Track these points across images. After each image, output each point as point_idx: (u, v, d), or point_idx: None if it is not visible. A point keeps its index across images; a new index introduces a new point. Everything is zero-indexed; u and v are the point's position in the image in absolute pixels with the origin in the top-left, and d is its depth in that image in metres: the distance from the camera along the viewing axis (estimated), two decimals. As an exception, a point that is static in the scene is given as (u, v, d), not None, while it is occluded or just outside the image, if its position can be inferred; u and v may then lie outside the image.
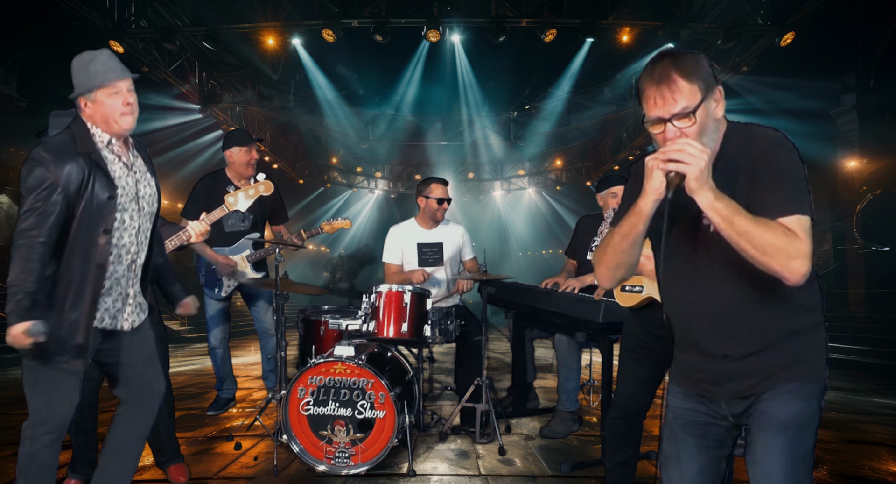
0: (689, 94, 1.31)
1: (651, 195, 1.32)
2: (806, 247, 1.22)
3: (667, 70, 1.32)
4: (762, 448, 1.35)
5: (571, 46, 11.10)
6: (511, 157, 19.71)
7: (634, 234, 1.39)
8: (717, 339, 1.43)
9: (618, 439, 2.36)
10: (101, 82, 1.98)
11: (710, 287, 1.42)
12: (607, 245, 1.48)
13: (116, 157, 2.05)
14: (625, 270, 1.48)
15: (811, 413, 1.37)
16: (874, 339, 7.82)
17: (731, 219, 1.22)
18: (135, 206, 2.07)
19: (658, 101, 1.33)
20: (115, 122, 2.01)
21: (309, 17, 9.87)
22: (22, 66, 9.44)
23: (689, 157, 1.24)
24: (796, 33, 8.77)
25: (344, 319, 3.39)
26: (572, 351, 3.83)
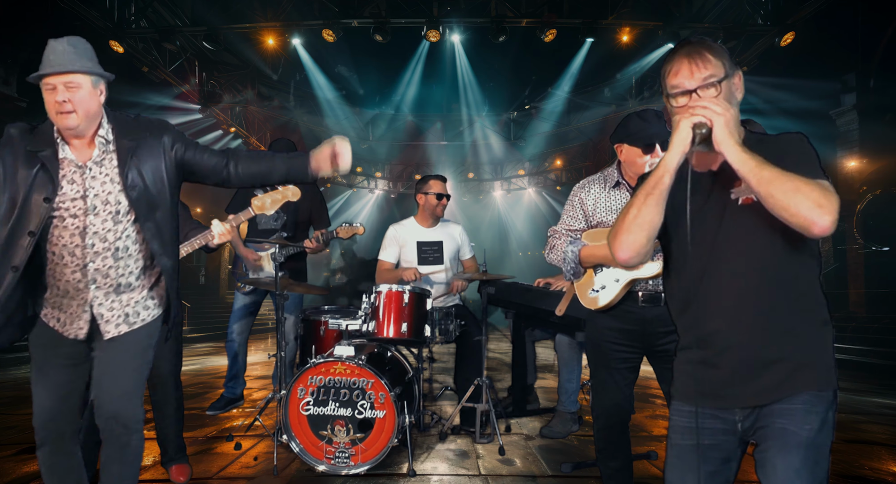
0: (715, 67, 1.39)
1: (677, 147, 1.34)
2: (836, 200, 1.22)
3: (697, 47, 1.41)
4: (784, 472, 1.32)
5: (571, 46, 11.11)
6: (511, 157, 19.71)
7: (661, 188, 1.37)
8: (735, 325, 1.38)
9: (609, 447, 2.31)
10: (38, 74, 1.80)
11: (729, 270, 1.39)
12: (627, 211, 1.42)
13: (64, 158, 1.86)
14: (647, 234, 1.39)
15: (829, 427, 1.35)
16: (874, 339, 7.83)
17: (759, 167, 1.24)
18: (80, 205, 1.85)
19: (686, 69, 1.40)
20: (53, 119, 1.83)
21: (309, 17, 9.88)
22: (22, 66, 9.43)
23: (715, 111, 1.30)
24: (796, 33, 8.77)
25: (344, 319, 3.39)
26: (573, 351, 3.83)
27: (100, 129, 1.91)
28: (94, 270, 1.87)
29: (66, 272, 1.86)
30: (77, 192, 1.85)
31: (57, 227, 1.84)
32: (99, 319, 1.90)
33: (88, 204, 1.85)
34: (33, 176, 1.80)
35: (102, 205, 1.87)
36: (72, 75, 1.81)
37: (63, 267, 1.86)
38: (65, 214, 1.84)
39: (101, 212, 1.87)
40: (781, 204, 1.22)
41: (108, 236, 1.88)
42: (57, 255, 1.85)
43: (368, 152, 19.43)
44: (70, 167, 1.86)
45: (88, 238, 1.86)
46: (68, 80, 1.81)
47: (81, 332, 1.90)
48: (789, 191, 1.21)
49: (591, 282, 2.34)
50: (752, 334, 1.37)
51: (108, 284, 1.90)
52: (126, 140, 1.92)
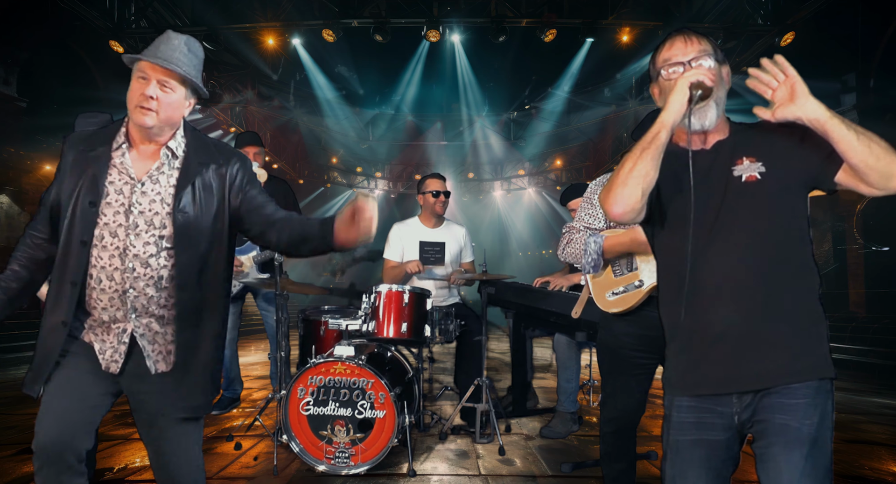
0: (708, 46, 1.47)
1: (674, 105, 1.38)
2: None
3: (689, 30, 1.49)
4: (787, 469, 1.31)
5: (571, 46, 11.11)
6: (511, 157, 19.72)
7: (657, 143, 1.37)
8: (733, 303, 1.37)
9: (615, 451, 2.29)
10: (137, 57, 1.62)
11: (731, 249, 1.38)
12: (622, 165, 1.41)
13: (119, 164, 1.67)
14: (642, 188, 1.37)
15: (829, 419, 1.34)
16: (874, 339, 7.82)
17: (853, 126, 1.31)
18: (122, 221, 1.63)
19: (680, 44, 1.47)
20: (130, 109, 1.64)
21: (309, 17, 9.88)
22: (22, 66, 9.43)
23: (711, 73, 1.40)
24: (796, 33, 8.77)
25: (344, 319, 3.39)
26: (572, 351, 3.83)
27: (171, 141, 1.70)
28: (134, 298, 1.64)
29: (104, 298, 1.64)
30: (121, 205, 1.64)
31: (96, 246, 1.63)
32: (142, 351, 1.66)
33: (130, 221, 1.64)
34: (82, 178, 1.63)
35: (146, 225, 1.64)
36: (171, 75, 1.63)
37: (101, 292, 1.64)
38: (104, 231, 1.63)
39: (142, 233, 1.64)
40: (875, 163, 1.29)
41: (150, 262, 1.64)
42: (95, 277, 1.63)
43: (368, 152, 19.44)
44: (122, 177, 1.66)
45: (128, 261, 1.63)
46: (166, 78, 1.63)
47: (115, 365, 1.66)
48: (882, 153, 1.28)
49: (610, 284, 2.29)
50: (753, 313, 1.36)
51: (149, 314, 1.66)
52: (197, 160, 1.71)
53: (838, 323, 8.37)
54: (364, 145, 18.77)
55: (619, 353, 2.25)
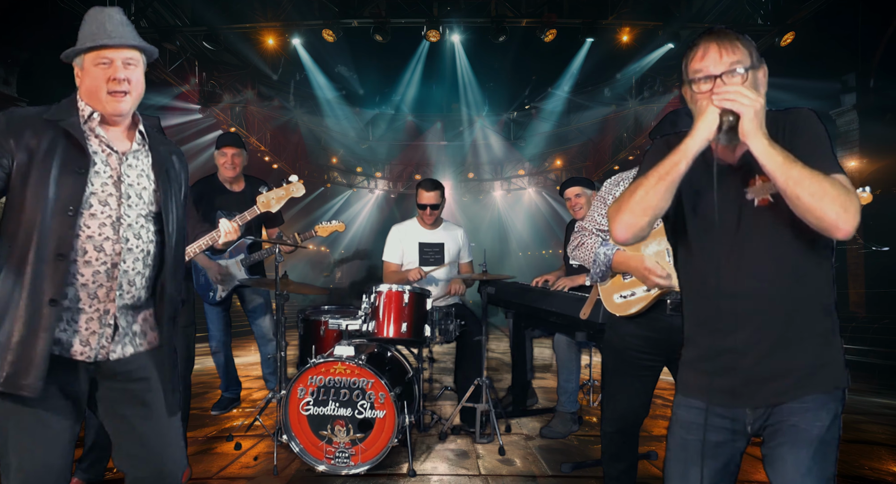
0: (744, 54, 1.33)
1: (702, 133, 1.29)
2: (857, 201, 1.22)
3: (726, 33, 1.35)
4: (794, 466, 1.33)
5: (571, 46, 11.10)
6: (511, 157, 19.72)
7: (675, 173, 1.31)
8: (753, 330, 1.36)
9: (617, 450, 2.29)
10: (88, 44, 1.52)
11: (746, 266, 1.37)
12: (634, 190, 1.37)
13: (97, 136, 1.57)
14: (650, 218, 1.36)
15: (837, 423, 1.36)
16: (874, 339, 7.82)
17: (787, 165, 1.21)
18: (112, 191, 1.54)
19: (714, 53, 1.33)
20: (99, 101, 1.54)
21: (309, 17, 9.88)
22: (22, 66, 9.43)
23: (745, 99, 1.23)
24: (796, 33, 8.76)
25: (344, 319, 3.39)
26: (572, 351, 3.83)
27: (139, 124, 1.65)
28: (122, 271, 1.53)
29: (87, 273, 1.49)
30: (110, 176, 1.55)
31: (82, 215, 1.49)
32: (118, 335, 1.55)
33: (122, 191, 1.55)
34: (59, 147, 1.50)
35: (137, 198, 1.58)
36: (132, 51, 1.55)
37: (84, 265, 1.49)
38: (92, 199, 1.50)
39: (134, 205, 1.57)
40: (807, 206, 1.21)
41: (141, 234, 1.58)
42: (78, 249, 1.48)
43: (368, 152, 19.44)
44: (105, 148, 1.57)
45: (123, 230, 1.53)
46: (129, 56, 1.54)
47: (93, 352, 1.51)
48: (816, 193, 1.19)
49: (619, 287, 2.29)
50: (771, 339, 1.37)
51: (131, 294, 1.57)
52: (161, 147, 1.70)
53: (838, 323, 8.36)
54: (364, 145, 18.75)
55: (624, 354, 2.26)
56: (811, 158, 1.26)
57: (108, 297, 1.53)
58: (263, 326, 4.27)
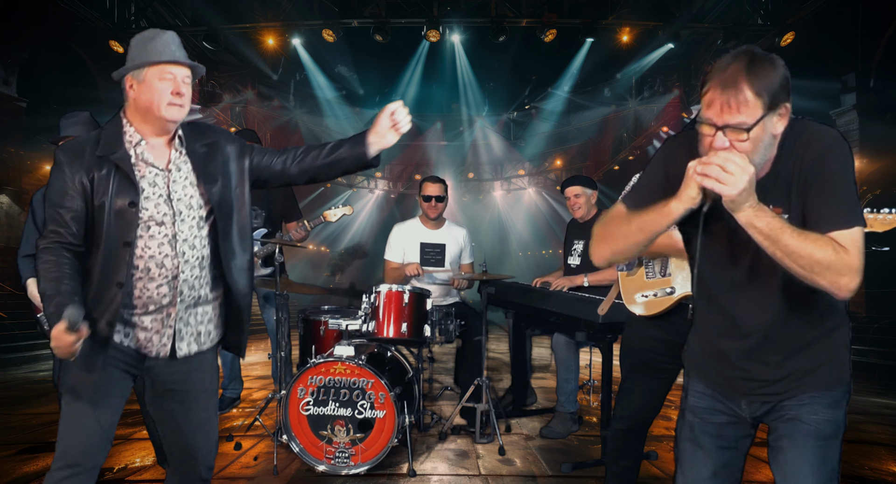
0: (751, 108, 1.20)
1: (684, 203, 1.25)
2: (856, 261, 1.18)
3: (736, 75, 1.21)
4: (793, 460, 1.34)
5: (571, 46, 11.12)
6: (511, 157, 19.73)
7: (654, 231, 1.32)
8: (747, 346, 1.39)
9: (623, 447, 2.31)
10: (155, 59, 1.70)
11: (746, 294, 1.38)
12: (619, 229, 1.38)
13: (142, 161, 1.73)
14: (623, 258, 1.45)
15: (839, 420, 1.36)
16: (874, 339, 7.82)
17: (774, 237, 1.17)
18: (166, 210, 1.71)
19: (717, 106, 1.23)
20: (158, 110, 1.70)
21: (309, 17, 9.89)
22: (22, 66, 9.43)
23: (728, 177, 1.15)
24: (796, 33, 8.77)
25: (344, 319, 3.39)
26: (570, 351, 3.83)
27: (178, 130, 1.81)
28: (182, 281, 1.72)
29: (152, 287, 1.70)
30: (160, 196, 1.72)
31: (142, 238, 1.68)
32: (177, 334, 1.73)
33: (174, 208, 1.72)
34: (111, 181, 1.66)
35: (187, 209, 1.74)
36: (189, 71, 1.78)
37: (149, 281, 1.69)
38: (150, 222, 1.69)
39: (186, 218, 1.74)
40: (799, 274, 1.18)
41: (195, 244, 1.75)
42: (142, 268, 1.68)
43: (368, 152, 19.40)
44: (150, 169, 1.73)
45: (179, 246, 1.71)
46: (186, 73, 1.77)
47: (165, 349, 1.73)
48: (806, 266, 1.16)
49: (641, 286, 2.29)
50: (766, 357, 1.38)
51: (191, 296, 1.75)
52: (197, 144, 1.82)
53: (838, 323, 8.36)
54: (364, 145, 18.72)
55: (643, 355, 2.26)
56: (820, 209, 1.23)
57: (171, 303, 1.73)
58: (272, 321, 4.22)
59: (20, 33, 9.06)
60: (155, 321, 1.72)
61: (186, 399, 1.78)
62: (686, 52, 11.38)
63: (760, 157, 1.26)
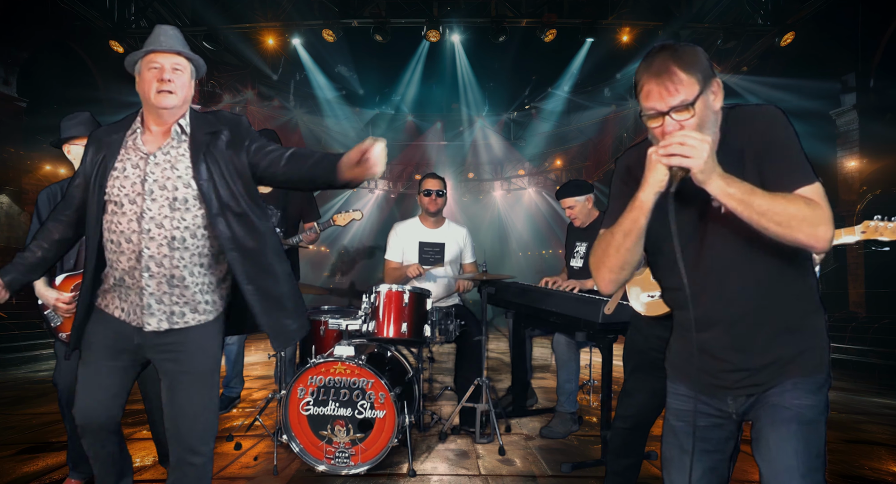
0: (688, 86, 1.28)
1: (652, 187, 1.29)
2: (827, 212, 1.22)
3: (665, 62, 1.29)
4: (776, 445, 1.33)
5: (571, 46, 11.11)
6: (511, 157, 19.72)
7: (637, 229, 1.34)
8: (726, 335, 1.39)
9: (625, 447, 2.31)
10: (143, 51, 1.85)
11: (717, 277, 1.39)
12: (608, 246, 1.41)
13: (133, 146, 1.88)
14: (628, 271, 1.43)
15: (821, 406, 1.36)
16: (874, 339, 7.82)
17: (748, 200, 1.20)
18: (139, 189, 1.83)
19: (656, 93, 1.29)
20: (150, 98, 1.83)
21: (309, 17, 9.89)
22: (22, 66, 9.43)
23: (691, 150, 1.21)
24: (796, 33, 8.77)
25: (344, 319, 3.39)
26: (571, 351, 3.83)
27: (181, 119, 1.90)
28: (147, 256, 1.82)
29: (123, 260, 1.84)
30: (138, 176, 1.85)
31: (116, 214, 1.84)
32: (146, 309, 1.84)
33: (146, 188, 1.83)
34: (98, 161, 1.88)
35: (160, 190, 1.83)
36: (179, 57, 1.86)
37: (120, 254, 1.84)
38: (124, 200, 1.83)
39: (157, 197, 1.83)
40: (777, 234, 1.22)
41: (164, 223, 1.83)
42: (115, 242, 1.84)
43: (368, 152, 19.39)
44: (136, 153, 1.88)
45: (145, 223, 1.82)
46: (176, 61, 1.85)
47: (139, 320, 1.86)
48: (783, 222, 1.20)
49: (648, 286, 2.29)
50: (746, 344, 1.38)
51: (161, 273, 1.84)
52: (202, 133, 1.89)
53: (838, 323, 8.37)
54: (364, 145, 18.71)
55: (648, 354, 2.28)
56: (780, 172, 1.28)
57: (140, 277, 1.84)
58: None
59: (20, 33, 9.06)
60: (129, 293, 1.87)
61: (173, 375, 1.87)
62: (686, 52, 11.36)
63: (709, 134, 1.31)
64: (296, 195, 4.05)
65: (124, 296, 1.88)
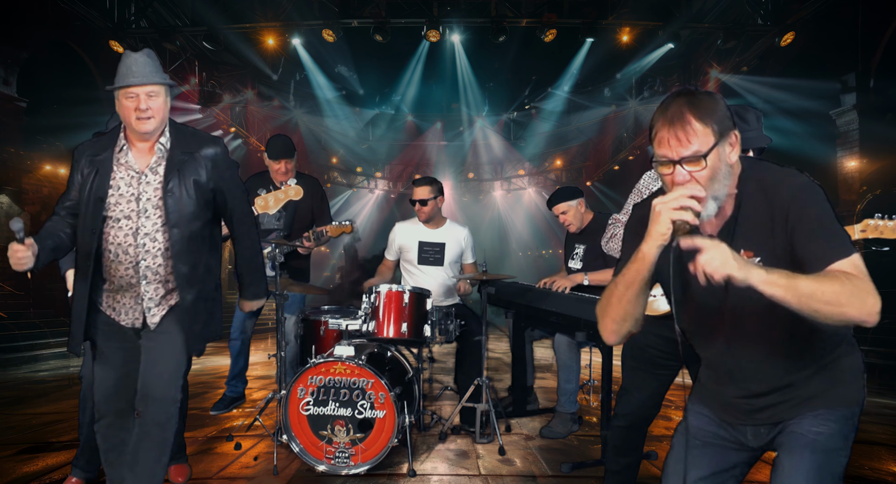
0: (702, 136, 1.25)
1: (655, 240, 1.26)
2: (870, 283, 1.18)
3: (681, 110, 1.26)
4: (788, 471, 1.31)
5: (571, 46, 11.11)
6: (511, 157, 19.73)
7: (640, 281, 1.32)
8: (745, 382, 1.40)
9: (623, 445, 2.32)
10: (119, 84, 2.02)
11: (737, 333, 1.37)
12: (611, 296, 1.39)
13: (125, 163, 2.08)
14: (632, 323, 1.40)
15: (840, 435, 1.33)
16: (874, 339, 7.81)
17: (791, 285, 1.13)
18: (133, 207, 2.06)
19: (669, 141, 1.26)
20: (130, 124, 2.04)
21: (309, 17, 9.88)
22: (22, 66, 9.42)
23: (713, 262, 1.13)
24: (796, 33, 8.76)
25: (344, 319, 3.39)
26: (572, 352, 3.83)
27: (161, 137, 2.10)
28: (145, 268, 2.07)
29: (121, 269, 2.07)
30: (132, 195, 2.06)
31: (113, 228, 2.05)
32: (147, 312, 2.10)
33: (140, 207, 2.05)
34: (92, 177, 2.05)
35: (154, 209, 2.06)
36: (153, 86, 2.03)
37: (118, 264, 2.06)
38: (120, 215, 2.05)
39: (151, 215, 2.06)
40: (826, 312, 1.15)
41: (157, 237, 2.07)
42: (112, 252, 2.06)
43: (368, 152, 19.44)
44: (129, 171, 2.08)
45: (140, 238, 2.06)
46: (150, 90, 2.02)
47: (138, 321, 2.13)
48: (831, 301, 1.13)
49: None
50: (767, 385, 1.38)
51: (157, 280, 2.10)
52: (178, 151, 2.10)
53: (838, 323, 8.35)
54: (364, 145, 18.76)
55: (646, 351, 2.29)
56: (817, 246, 1.22)
57: (138, 284, 2.09)
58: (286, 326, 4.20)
59: (20, 33, 9.05)
60: (126, 299, 2.11)
61: (152, 352, 2.12)
62: (686, 52, 11.38)
63: (721, 186, 1.28)
64: (306, 198, 4.02)
65: (122, 300, 2.12)
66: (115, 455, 2.13)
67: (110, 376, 2.12)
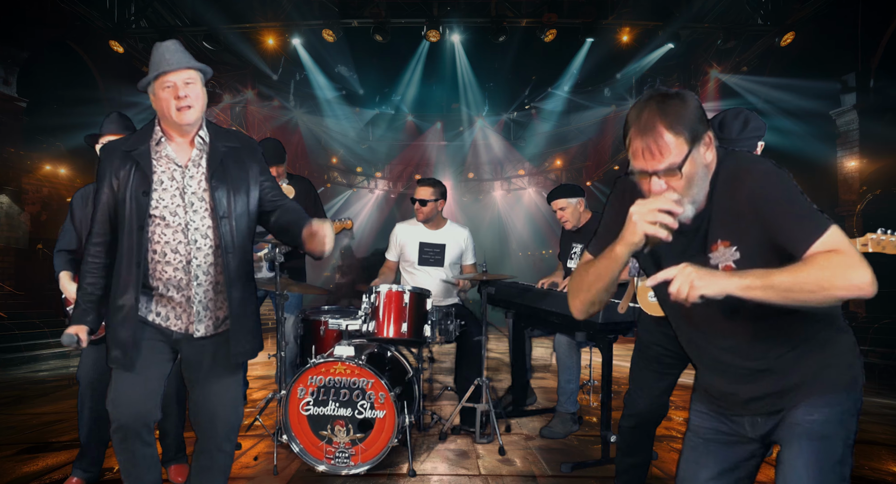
0: (675, 148, 1.24)
1: (627, 247, 1.28)
2: (853, 255, 1.15)
3: (652, 120, 1.24)
4: (788, 462, 1.33)
5: (571, 46, 11.11)
6: (511, 157, 19.73)
7: (608, 276, 1.36)
8: (732, 372, 1.40)
9: (631, 445, 2.34)
10: (154, 72, 1.90)
11: (707, 322, 1.39)
12: (582, 280, 1.44)
13: (165, 156, 1.95)
14: (599, 306, 1.46)
15: (838, 421, 1.32)
16: (874, 339, 7.82)
17: (769, 285, 1.13)
18: (179, 202, 1.92)
19: (644, 154, 1.26)
20: (171, 116, 1.90)
21: (309, 17, 9.88)
22: (22, 66, 9.42)
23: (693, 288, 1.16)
24: (796, 33, 8.76)
25: (344, 319, 3.39)
26: (572, 352, 3.83)
27: (200, 130, 1.98)
28: (196, 266, 1.93)
29: (169, 270, 1.92)
30: (177, 189, 1.93)
31: (159, 225, 1.91)
32: (195, 316, 1.95)
33: (186, 201, 1.92)
34: (131, 173, 1.90)
35: (200, 202, 1.94)
36: (190, 71, 1.91)
37: (165, 264, 1.92)
38: (165, 212, 1.91)
39: (199, 209, 1.94)
40: (814, 300, 1.14)
41: (208, 234, 1.95)
42: (159, 252, 1.92)
43: (368, 152, 19.44)
44: (170, 165, 1.94)
45: (191, 234, 1.93)
46: (188, 76, 1.91)
47: (182, 326, 1.97)
48: (814, 287, 1.12)
49: None
50: (756, 377, 1.38)
51: (208, 281, 1.96)
52: (219, 143, 2.00)
53: (838, 323, 8.35)
54: (364, 145, 18.75)
55: (651, 349, 2.32)
56: (791, 230, 1.22)
57: (189, 286, 1.94)
58: (286, 326, 4.19)
59: (20, 33, 9.05)
60: (175, 302, 1.94)
61: (204, 373, 1.99)
62: (686, 52, 11.39)
63: (699, 190, 1.30)
64: (299, 199, 4.04)
65: (170, 304, 1.95)
66: (142, 470, 1.99)
67: (138, 390, 1.93)
